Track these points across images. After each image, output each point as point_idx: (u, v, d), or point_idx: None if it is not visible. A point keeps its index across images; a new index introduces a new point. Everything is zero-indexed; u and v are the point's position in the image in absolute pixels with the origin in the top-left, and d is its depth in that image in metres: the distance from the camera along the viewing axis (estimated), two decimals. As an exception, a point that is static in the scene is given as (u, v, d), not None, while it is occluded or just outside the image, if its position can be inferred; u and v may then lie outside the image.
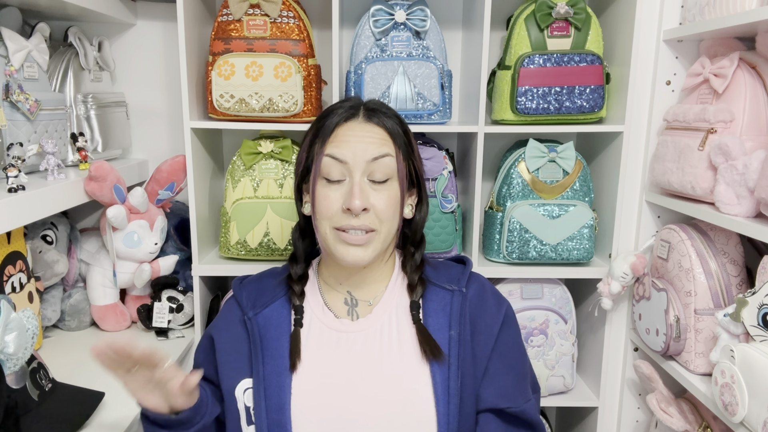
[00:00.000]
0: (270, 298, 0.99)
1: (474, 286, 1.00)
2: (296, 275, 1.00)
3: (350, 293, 0.99)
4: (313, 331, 0.97)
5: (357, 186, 0.90)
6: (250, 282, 1.04)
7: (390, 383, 0.91)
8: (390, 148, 0.94)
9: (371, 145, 0.92)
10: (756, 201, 1.07)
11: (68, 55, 1.34)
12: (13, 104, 1.09)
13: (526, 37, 1.32)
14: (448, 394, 0.90)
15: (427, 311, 0.96)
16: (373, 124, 0.95)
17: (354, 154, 0.91)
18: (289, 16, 1.30)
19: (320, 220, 0.93)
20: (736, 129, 1.15)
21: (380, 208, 0.91)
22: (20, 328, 0.89)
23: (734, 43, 1.25)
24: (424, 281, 0.98)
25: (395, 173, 0.94)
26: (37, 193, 1.05)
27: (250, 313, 0.97)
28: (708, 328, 1.19)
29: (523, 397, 0.96)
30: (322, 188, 0.93)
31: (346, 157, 0.91)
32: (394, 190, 0.94)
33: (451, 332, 0.94)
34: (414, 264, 1.00)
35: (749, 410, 0.97)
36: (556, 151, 1.36)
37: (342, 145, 0.92)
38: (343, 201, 0.91)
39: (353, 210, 0.89)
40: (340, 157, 0.91)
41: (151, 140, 1.56)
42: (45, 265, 1.31)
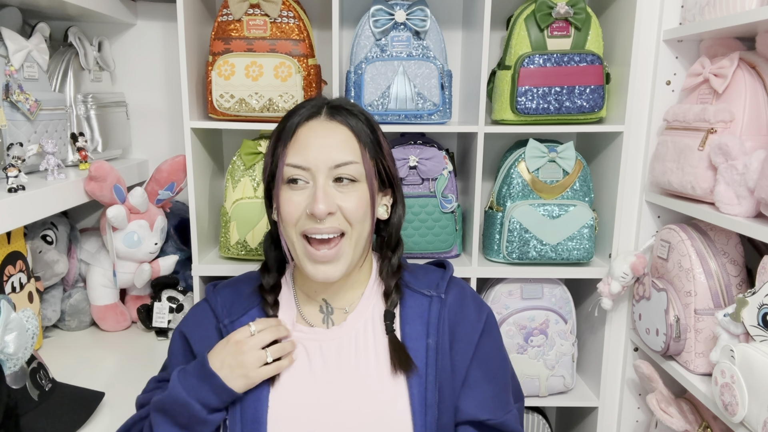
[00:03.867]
0: (246, 306, 0.94)
1: (453, 291, 0.95)
2: (268, 285, 0.95)
3: (326, 301, 0.95)
4: None
5: (320, 189, 0.85)
6: (224, 288, 0.98)
7: (366, 395, 0.87)
8: (354, 152, 0.88)
9: (333, 150, 0.87)
10: (756, 201, 1.07)
11: (68, 55, 1.34)
12: (13, 104, 1.09)
13: (526, 37, 1.32)
14: (425, 406, 0.86)
15: (404, 318, 0.92)
16: (336, 122, 0.90)
17: (316, 159, 0.86)
18: (289, 16, 1.30)
19: (286, 227, 0.89)
20: (736, 129, 1.15)
21: (349, 210, 0.86)
22: (20, 328, 0.89)
23: (734, 43, 1.25)
24: (400, 288, 0.94)
25: (362, 176, 0.88)
26: (37, 193, 1.05)
27: (226, 321, 0.92)
28: (708, 328, 1.19)
29: (503, 408, 0.91)
30: (285, 192, 0.88)
31: (309, 163, 0.86)
32: (363, 191, 0.88)
33: (428, 340, 0.89)
34: (391, 269, 0.95)
35: (749, 410, 0.97)
36: (556, 151, 1.36)
37: (303, 150, 0.87)
38: (306, 206, 0.86)
39: (317, 215, 0.84)
40: (302, 165, 0.86)
41: (151, 140, 1.56)
42: (45, 265, 1.31)
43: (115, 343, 1.39)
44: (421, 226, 1.34)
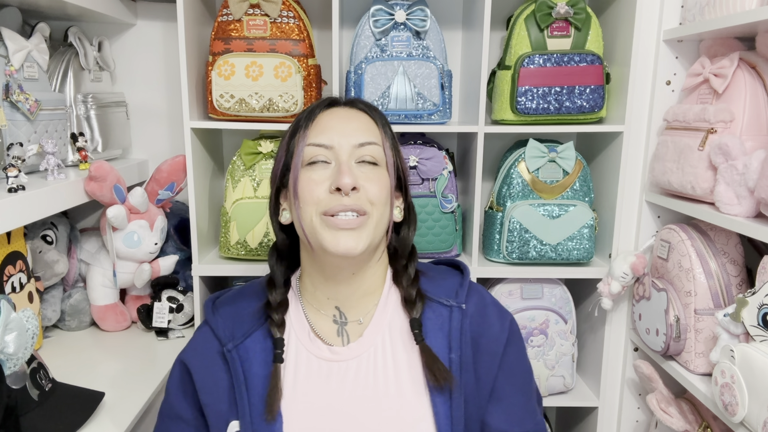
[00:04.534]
0: (250, 327, 0.88)
1: (474, 299, 0.90)
2: (275, 302, 0.89)
3: (338, 309, 0.90)
4: (300, 363, 0.87)
5: (345, 164, 0.82)
6: (224, 306, 0.93)
7: (388, 418, 0.83)
8: (376, 135, 0.87)
9: (356, 131, 0.85)
10: (756, 201, 1.07)
11: (68, 55, 1.34)
12: (13, 104, 1.09)
13: (526, 37, 1.32)
14: (451, 424, 0.81)
15: (424, 331, 0.86)
16: (357, 109, 0.89)
17: (339, 138, 0.84)
18: (289, 16, 1.30)
19: (304, 208, 0.83)
20: (736, 129, 1.15)
21: (372, 191, 0.83)
22: (20, 328, 0.88)
23: (734, 43, 1.25)
24: (423, 296, 0.89)
25: (383, 161, 0.87)
26: (37, 193, 1.05)
27: (230, 345, 0.86)
28: (708, 328, 1.19)
29: (531, 419, 0.88)
30: (305, 173, 0.84)
31: (332, 141, 0.84)
32: (384, 176, 0.86)
33: (451, 355, 0.84)
34: (408, 277, 0.91)
35: (749, 410, 0.97)
36: (556, 151, 1.36)
37: (325, 131, 0.85)
38: (332, 182, 0.82)
39: (343, 188, 0.80)
40: (325, 143, 0.84)
41: (151, 140, 1.56)
42: (45, 265, 1.31)
43: (115, 343, 1.39)
44: (421, 226, 1.34)
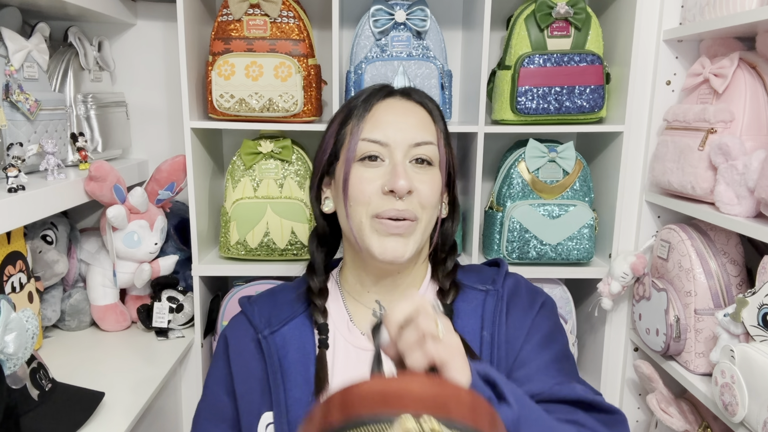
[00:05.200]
0: (288, 315, 0.87)
1: (509, 283, 0.90)
2: (316, 288, 0.88)
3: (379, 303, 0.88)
4: (338, 351, 0.86)
5: (400, 165, 0.80)
6: (260, 297, 0.93)
7: None
8: (432, 133, 0.85)
9: (413, 128, 0.83)
10: (756, 201, 1.07)
11: (68, 55, 1.33)
12: (13, 104, 1.09)
13: (526, 37, 1.32)
14: None
15: (457, 314, 0.86)
16: (414, 102, 0.86)
17: (395, 136, 0.81)
18: (289, 16, 1.30)
19: (354, 207, 0.81)
20: (736, 129, 1.15)
21: (424, 193, 0.81)
22: (20, 328, 0.88)
23: (734, 43, 1.25)
24: (457, 285, 0.89)
25: (437, 160, 0.84)
26: (37, 193, 1.05)
27: (266, 332, 0.85)
28: (708, 328, 1.19)
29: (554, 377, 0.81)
30: (357, 170, 0.81)
31: (387, 138, 0.81)
32: (437, 176, 0.84)
33: (483, 333, 0.84)
34: (445, 269, 0.90)
35: (749, 410, 0.97)
36: (556, 151, 1.36)
37: (381, 126, 0.82)
38: (384, 182, 0.79)
39: (398, 191, 0.78)
40: (380, 140, 0.81)
41: (151, 140, 1.56)
42: (45, 265, 1.31)
43: (115, 343, 1.39)
44: (421, 226, 1.34)
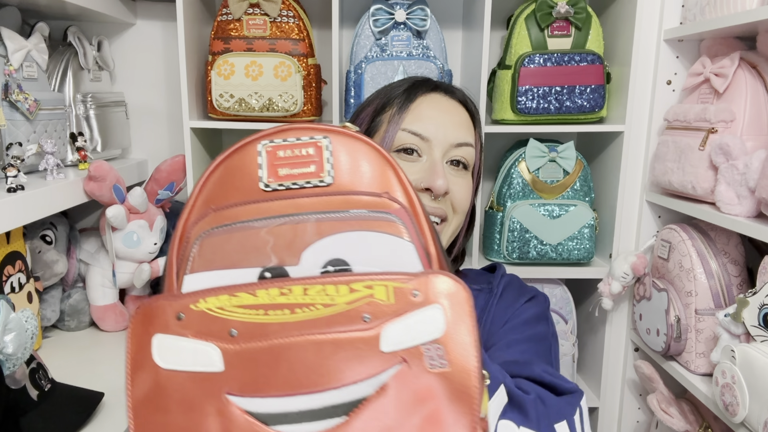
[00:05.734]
0: None
1: (504, 282, 0.90)
2: None
3: None
4: None
5: (439, 164, 0.78)
6: None
7: None
8: (471, 135, 0.83)
9: (456, 126, 0.81)
10: (757, 201, 1.06)
11: (67, 54, 1.33)
12: (12, 104, 1.08)
13: (526, 37, 1.31)
14: None
15: None
16: (457, 101, 0.84)
17: (436, 132, 0.79)
18: (288, 16, 1.29)
19: None
20: (737, 129, 1.14)
21: (458, 197, 0.80)
22: (19, 328, 0.88)
23: (735, 42, 1.25)
24: None
25: (471, 164, 0.83)
26: (36, 193, 1.04)
27: None
28: (709, 328, 1.19)
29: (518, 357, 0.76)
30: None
31: (428, 133, 0.78)
32: (470, 181, 0.83)
33: None
34: None
35: (750, 410, 0.97)
36: (556, 151, 1.36)
37: (424, 119, 0.80)
38: (420, 178, 0.77)
39: (436, 190, 0.76)
40: (421, 133, 0.79)
41: (151, 140, 1.56)
42: (44, 265, 1.31)
43: (115, 344, 1.38)
44: (421, 226, 1.34)
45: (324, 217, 0.45)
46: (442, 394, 0.41)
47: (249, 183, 0.47)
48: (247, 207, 0.46)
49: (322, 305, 0.42)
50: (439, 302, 0.42)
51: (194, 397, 0.42)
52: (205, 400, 0.42)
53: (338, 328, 0.41)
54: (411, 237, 0.46)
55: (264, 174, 0.46)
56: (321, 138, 0.47)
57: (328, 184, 0.46)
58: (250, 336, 0.42)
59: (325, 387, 0.41)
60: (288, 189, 0.46)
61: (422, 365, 0.41)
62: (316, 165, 0.46)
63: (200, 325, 0.42)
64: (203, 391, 0.42)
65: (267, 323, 0.42)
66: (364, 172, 0.47)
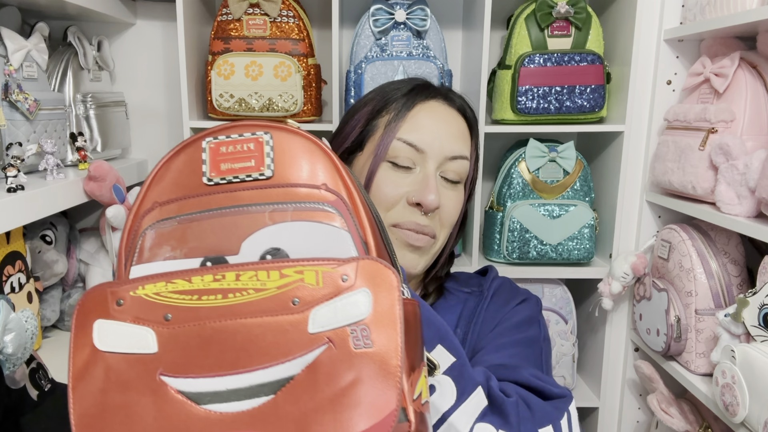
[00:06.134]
0: None
1: (495, 284, 0.88)
2: None
3: None
4: None
5: (432, 178, 0.76)
6: None
7: None
8: (467, 147, 0.81)
9: (452, 139, 0.79)
10: (757, 201, 1.06)
11: (67, 54, 1.33)
12: (12, 104, 1.08)
13: (526, 37, 1.31)
14: None
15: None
16: (455, 110, 0.82)
17: (432, 144, 0.77)
18: (288, 16, 1.29)
19: None
20: (737, 129, 1.14)
21: (448, 212, 0.79)
22: (19, 328, 0.88)
23: (735, 42, 1.25)
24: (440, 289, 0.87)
25: (464, 177, 0.81)
26: (36, 193, 1.04)
27: None
28: (709, 328, 1.19)
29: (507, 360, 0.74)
30: (384, 171, 0.77)
31: (424, 144, 0.77)
32: (461, 195, 0.82)
33: (457, 330, 0.82)
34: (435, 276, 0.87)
35: (750, 411, 0.97)
36: (556, 151, 1.36)
37: (420, 129, 0.77)
38: (412, 192, 0.76)
39: (427, 206, 0.74)
40: (418, 145, 0.77)
41: (151, 140, 1.56)
42: (44, 265, 1.30)
43: (115, 344, 1.38)
44: (421, 226, 1.34)
45: (263, 209, 0.48)
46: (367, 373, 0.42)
47: (194, 179, 0.49)
48: (189, 200, 0.49)
49: (254, 290, 0.44)
50: (367, 286, 0.44)
51: (130, 378, 0.44)
52: (140, 380, 0.44)
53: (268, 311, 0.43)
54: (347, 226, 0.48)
55: (207, 169, 0.49)
56: (262, 134, 0.49)
57: (268, 178, 0.48)
58: (184, 320, 0.44)
59: (253, 367, 0.43)
60: (229, 183, 0.49)
61: (348, 346, 0.43)
62: (256, 159, 0.49)
63: (138, 310, 0.45)
64: (138, 372, 0.44)
65: (200, 307, 0.44)
66: (303, 166, 0.49)
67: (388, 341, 0.43)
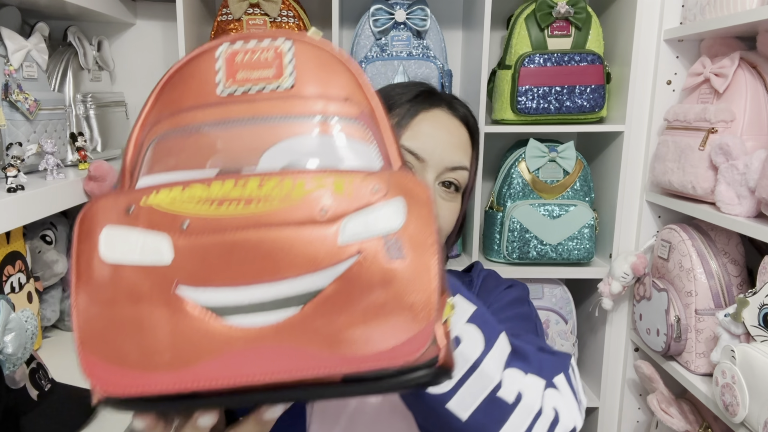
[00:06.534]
0: None
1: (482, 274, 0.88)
2: None
3: None
4: None
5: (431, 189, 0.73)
6: None
7: None
8: (468, 157, 0.80)
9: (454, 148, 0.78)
10: (757, 201, 1.06)
11: (67, 54, 1.33)
12: (12, 104, 1.08)
13: (526, 37, 1.31)
14: None
15: None
16: (458, 119, 0.81)
17: (433, 152, 0.76)
18: (288, 16, 1.29)
19: None
20: (737, 129, 1.14)
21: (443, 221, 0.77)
22: (19, 328, 0.88)
23: (735, 42, 1.25)
24: None
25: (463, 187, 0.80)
26: (36, 193, 1.04)
27: None
28: (709, 328, 1.19)
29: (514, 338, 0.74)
30: None
31: (425, 153, 0.76)
32: (458, 204, 0.80)
33: None
34: None
35: (750, 411, 0.97)
36: (556, 151, 1.36)
37: (422, 137, 0.76)
38: None
39: None
40: (419, 153, 0.76)
41: (151, 140, 1.56)
42: (44, 265, 1.30)
43: (115, 344, 1.38)
44: (421, 226, 1.34)
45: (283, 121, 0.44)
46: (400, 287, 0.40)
47: (206, 88, 0.45)
48: (203, 111, 0.45)
49: (278, 199, 0.41)
50: (400, 197, 0.41)
51: (142, 289, 0.41)
52: (153, 292, 0.40)
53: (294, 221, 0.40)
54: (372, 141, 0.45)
55: (222, 78, 0.45)
56: (282, 42, 0.45)
57: (287, 88, 0.45)
58: (202, 228, 0.40)
59: (278, 277, 0.40)
60: (246, 93, 0.45)
61: (380, 258, 0.40)
62: (275, 69, 0.45)
63: (150, 217, 0.41)
64: (151, 283, 0.41)
65: (220, 216, 0.41)
66: (325, 78, 0.46)
67: (422, 255, 0.40)
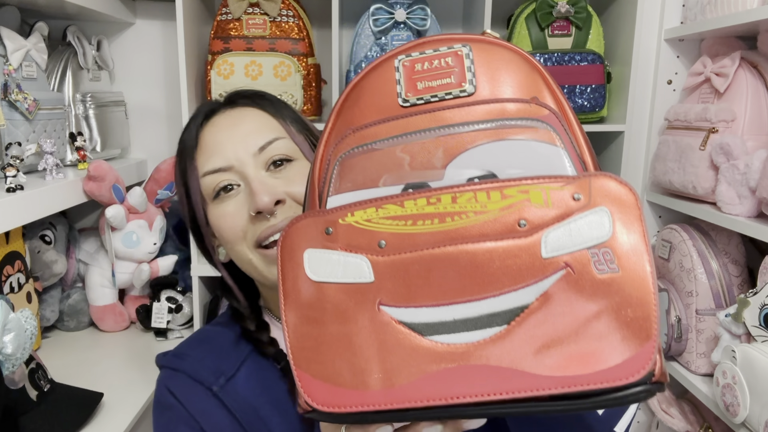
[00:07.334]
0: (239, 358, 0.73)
1: None
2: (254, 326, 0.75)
3: None
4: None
5: (255, 181, 0.69)
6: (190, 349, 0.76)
7: None
8: (275, 129, 0.74)
9: (250, 134, 0.72)
10: (757, 201, 1.06)
11: (67, 54, 1.33)
12: (11, 104, 1.08)
13: (526, 36, 1.31)
14: None
15: None
16: (241, 107, 0.76)
17: (234, 153, 0.71)
18: (288, 15, 1.29)
19: (234, 248, 0.71)
20: (738, 128, 1.14)
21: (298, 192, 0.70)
22: (18, 328, 0.88)
23: (735, 42, 1.25)
24: None
25: (297, 152, 0.73)
26: (35, 193, 1.04)
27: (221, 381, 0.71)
28: (709, 328, 1.18)
29: None
30: (215, 210, 0.71)
31: (227, 160, 0.71)
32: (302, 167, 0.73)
33: None
34: None
35: (750, 411, 0.97)
36: (556, 151, 1.36)
37: (215, 151, 0.72)
38: (248, 206, 0.69)
39: (263, 208, 0.67)
40: (221, 166, 0.71)
41: (150, 140, 1.56)
42: (43, 265, 1.30)
43: (114, 344, 1.38)
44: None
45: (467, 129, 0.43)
46: (615, 300, 0.37)
47: (387, 101, 0.45)
48: (386, 125, 0.45)
49: (473, 213, 0.40)
50: (605, 204, 0.39)
51: (347, 308, 0.41)
52: (359, 310, 0.41)
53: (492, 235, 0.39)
54: (563, 143, 0.43)
55: (402, 89, 0.45)
56: (460, 47, 0.44)
57: (470, 94, 0.44)
58: (400, 247, 0.41)
59: (481, 295, 0.39)
60: (428, 102, 0.45)
61: (590, 271, 0.38)
62: (456, 75, 0.45)
63: (349, 238, 0.42)
64: (356, 302, 0.41)
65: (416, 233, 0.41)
66: (508, 79, 0.44)
67: (636, 265, 0.37)
